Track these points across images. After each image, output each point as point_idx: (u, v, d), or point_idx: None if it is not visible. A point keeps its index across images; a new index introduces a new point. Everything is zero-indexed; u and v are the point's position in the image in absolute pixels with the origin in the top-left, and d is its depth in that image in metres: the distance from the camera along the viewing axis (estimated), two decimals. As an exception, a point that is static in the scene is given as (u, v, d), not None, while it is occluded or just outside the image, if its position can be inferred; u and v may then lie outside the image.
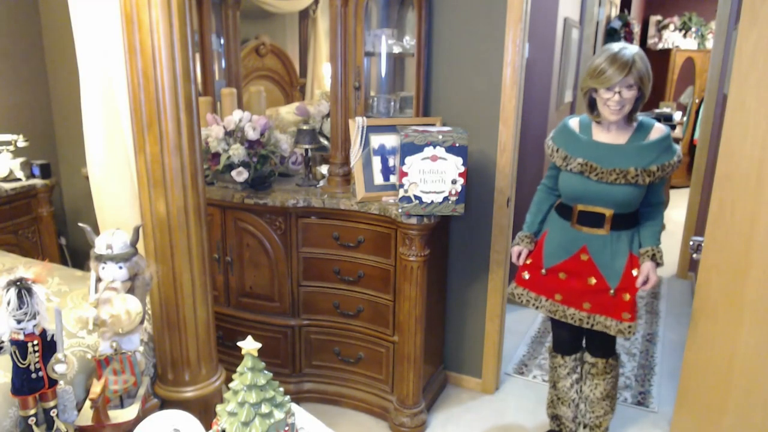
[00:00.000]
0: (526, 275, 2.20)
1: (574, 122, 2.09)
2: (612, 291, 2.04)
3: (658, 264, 2.01)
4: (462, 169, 2.14)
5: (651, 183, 1.96)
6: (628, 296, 2.03)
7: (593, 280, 2.06)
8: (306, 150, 2.58)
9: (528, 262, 2.20)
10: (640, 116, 2.02)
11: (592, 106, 2.01)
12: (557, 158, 2.05)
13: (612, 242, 2.04)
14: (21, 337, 1.28)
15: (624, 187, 1.95)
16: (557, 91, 3.63)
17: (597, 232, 2.04)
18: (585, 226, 2.06)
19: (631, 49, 1.92)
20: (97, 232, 1.53)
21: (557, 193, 2.16)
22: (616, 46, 1.92)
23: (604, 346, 2.20)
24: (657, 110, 5.99)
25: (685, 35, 6.76)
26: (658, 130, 1.98)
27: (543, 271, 2.14)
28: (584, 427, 2.32)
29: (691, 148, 6.36)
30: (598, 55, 1.96)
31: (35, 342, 1.30)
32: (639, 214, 2.06)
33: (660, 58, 6.85)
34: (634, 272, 2.02)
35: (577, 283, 2.09)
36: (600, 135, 2.03)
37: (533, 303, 2.20)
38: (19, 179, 3.01)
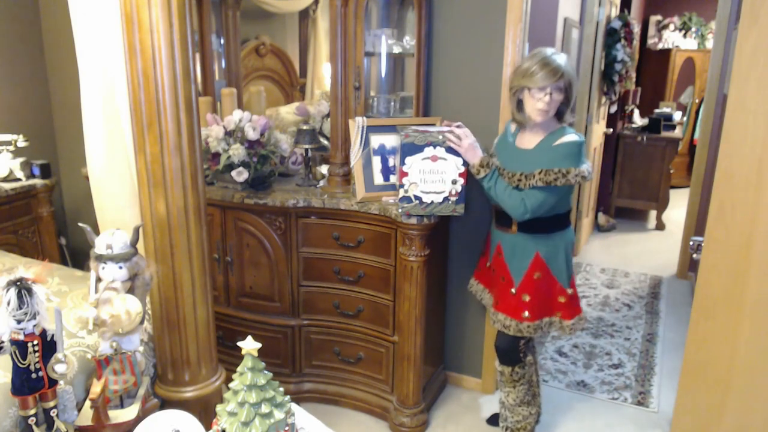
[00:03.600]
0: (480, 269, 2.39)
1: (513, 124, 2.16)
2: (513, 290, 2.12)
3: (482, 167, 2.05)
4: (462, 169, 2.14)
5: (534, 186, 1.97)
6: (528, 297, 2.11)
7: (504, 279, 2.17)
8: (306, 150, 2.58)
9: (482, 255, 2.40)
10: (569, 128, 2.04)
11: (520, 107, 2.06)
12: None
13: (519, 243, 2.11)
14: (21, 337, 1.28)
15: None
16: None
17: (507, 232, 2.14)
18: (500, 226, 2.18)
19: (561, 56, 1.98)
20: (97, 232, 1.53)
21: None
22: (547, 51, 1.97)
23: (505, 353, 2.24)
24: (657, 110, 5.98)
25: (685, 35, 6.76)
26: (566, 138, 1.99)
27: (488, 264, 2.31)
28: (506, 429, 2.36)
29: (691, 148, 6.37)
30: (527, 57, 2.00)
31: (35, 342, 1.30)
32: (548, 220, 2.07)
33: (660, 58, 6.84)
34: (536, 275, 2.09)
35: (498, 282, 2.21)
36: (520, 139, 2.11)
37: (480, 294, 2.37)
38: (19, 179, 3.01)
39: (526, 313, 2.10)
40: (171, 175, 1.51)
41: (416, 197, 2.15)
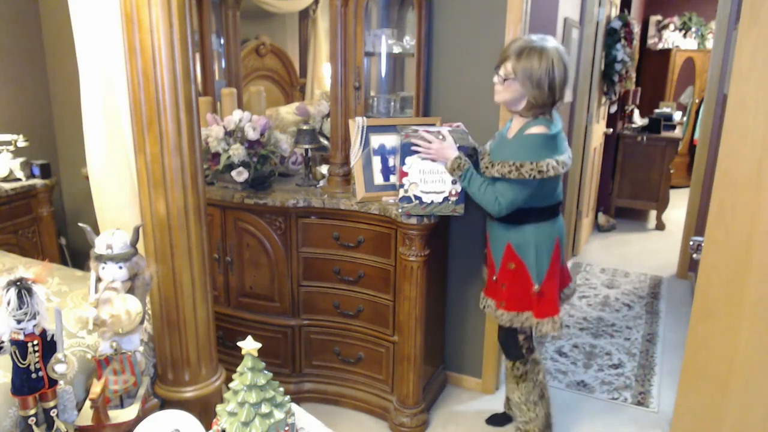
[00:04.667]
0: (485, 281, 2.35)
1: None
2: (495, 277, 2.16)
3: (454, 169, 2.06)
4: (462, 169, 2.13)
5: (494, 177, 1.97)
6: (504, 286, 2.12)
7: (489, 265, 2.21)
8: (306, 150, 2.58)
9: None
10: (543, 119, 1.98)
11: None
12: None
13: (495, 231, 2.13)
14: (21, 337, 1.28)
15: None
16: (557, 91, 3.62)
17: (491, 221, 2.15)
18: (486, 213, 2.16)
19: (546, 44, 1.92)
20: (97, 232, 1.53)
21: None
22: (533, 36, 1.94)
23: (504, 346, 2.24)
24: (657, 110, 5.98)
25: (685, 35, 6.76)
26: (531, 129, 1.95)
27: (494, 278, 2.28)
28: (516, 430, 2.35)
29: (691, 148, 6.36)
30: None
31: (35, 342, 1.30)
32: (519, 212, 2.04)
33: (660, 58, 6.84)
34: (510, 265, 2.09)
35: (487, 268, 2.25)
36: (510, 128, 2.10)
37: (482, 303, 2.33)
38: (19, 179, 3.01)
39: (503, 303, 2.13)
40: (171, 175, 1.51)
41: (416, 197, 2.15)
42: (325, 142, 2.80)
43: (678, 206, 5.51)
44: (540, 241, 2.06)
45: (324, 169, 2.74)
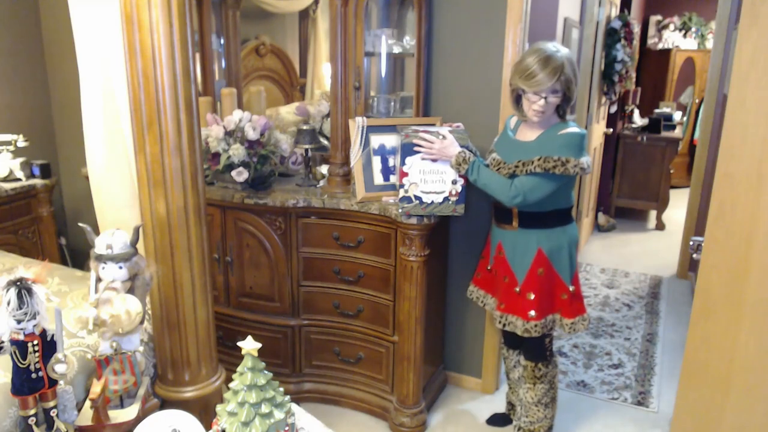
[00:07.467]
0: (479, 274, 2.35)
1: (513, 119, 2.15)
2: (518, 288, 2.10)
3: (459, 164, 2.07)
4: (462, 169, 2.13)
5: (532, 173, 1.95)
6: (532, 295, 2.08)
7: (507, 278, 2.14)
8: (306, 150, 2.58)
9: (482, 258, 2.36)
10: (572, 122, 2.01)
11: (519, 102, 2.04)
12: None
13: (521, 239, 2.09)
14: (21, 337, 1.28)
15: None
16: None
17: (508, 229, 2.11)
18: (499, 223, 2.15)
19: (562, 53, 1.93)
20: (97, 232, 1.53)
21: None
22: (548, 48, 1.92)
23: (529, 348, 2.21)
24: (657, 110, 5.98)
25: (685, 35, 6.76)
26: (569, 129, 1.97)
27: (488, 267, 2.28)
28: (518, 429, 2.33)
29: (691, 148, 6.36)
30: (529, 52, 1.96)
31: (35, 342, 1.30)
32: (549, 215, 2.06)
33: (660, 58, 6.84)
34: (540, 271, 2.06)
35: (500, 282, 2.18)
36: (521, 132, 2.09)
37: (481, 300, 2.34)
38: (19, 179, 3.01)
39: (532, 312, 2.07)
40: (171, 175, 1.51)
41: (416, 197, 2.15)
42: (325, 142, 2.80)
43: (678, 206, 5.51)
44: (570, 242, 2.09)
45: (324, 169, 2.74)
